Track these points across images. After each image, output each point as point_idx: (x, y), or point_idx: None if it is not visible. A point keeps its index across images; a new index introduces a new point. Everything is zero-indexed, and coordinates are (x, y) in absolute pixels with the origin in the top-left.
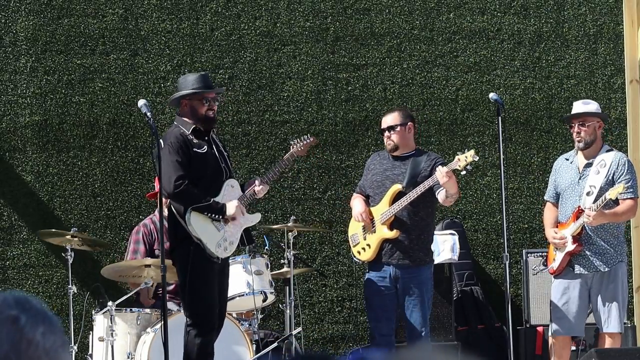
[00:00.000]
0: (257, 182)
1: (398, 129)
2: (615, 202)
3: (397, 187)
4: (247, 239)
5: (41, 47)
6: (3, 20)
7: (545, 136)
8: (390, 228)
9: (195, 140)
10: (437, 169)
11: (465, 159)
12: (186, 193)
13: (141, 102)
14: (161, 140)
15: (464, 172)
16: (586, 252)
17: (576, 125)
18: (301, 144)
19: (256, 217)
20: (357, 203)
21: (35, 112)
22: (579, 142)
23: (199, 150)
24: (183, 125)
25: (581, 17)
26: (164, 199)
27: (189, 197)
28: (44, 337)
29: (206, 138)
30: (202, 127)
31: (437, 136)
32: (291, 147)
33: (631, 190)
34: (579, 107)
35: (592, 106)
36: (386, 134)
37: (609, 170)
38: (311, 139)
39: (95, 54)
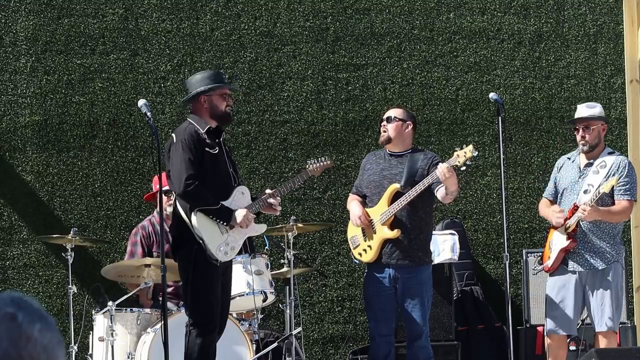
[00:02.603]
0: (268, 192)
1: (396, 122)
2: (613, 201)
3: (395, 186)
4: (250, 248)
5: (41, 47)
6: (3, 20)
7: (545, 136)
8: (391, 228)
9: (208, 140)
10: (438, 165)
11: (464, 154)
12: (196, 193)
13: (141, 102)
14: (173, 135)
15: (463, 168)
16: (581, 250)
17: (581, 129)
18: (317, 164)
19: (262, 228)
20: (354, 206)
21: (35, 112)
22: (583, 145)
23: (211, 151)
24: (197, 123)
25: (581, 17)
26: (167, 198)
27: (198, 198)
28: (41, 333)
29: (217, 141)
30: (220, 123)
31: (437, 136)
32: (307, 166)
33: (628, 192)
34: (583, 110)
35: (596, 110)
36: (383, 123)
37: (608, 172)
38: (328, 162)
39: (95, 54)
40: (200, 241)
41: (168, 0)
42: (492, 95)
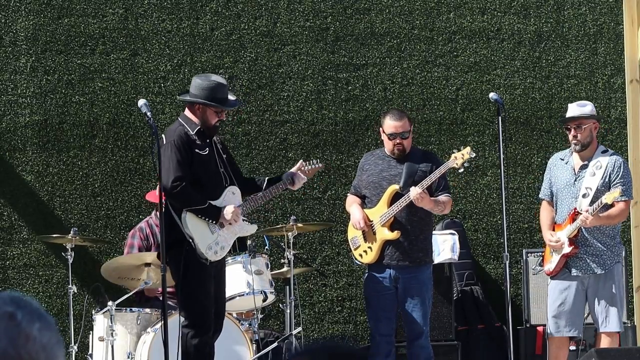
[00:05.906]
0: (302, 164)
1: (409, 136)
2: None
3: (394, 187)
4: (240, 247)
5: (41, 47)
6: (3, 20)
7: (545, 136)
8: (391, 229)
9: (198, 142)
10: (411, 189)
11: (462, 156)
12: (183, 194)
13: (141, 102)
14: (163, 136)
15: (461, 170)
16: (583, 254)
17: (572, 128)
18: (309, 167)
19: (252, 228)
20: (354, 209)
21: (35, 112)
22: (575, 144)
23: (201, 152)
24: (188, 124)
25: (581, 17)
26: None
27: (185, 198)
28: (40, 333)
29: (208, 141)
30: (206, 133)
31: (437, 136)
32: (305, 164)
33: (625, 192)
34: (574, 109)
35: (587, 108)
36: (397, 140)
37: (604, 173)
38: (320, 165)
39: (95, 54)
40: (190, 240)
41: (168, 0)
42: (492, 95)
